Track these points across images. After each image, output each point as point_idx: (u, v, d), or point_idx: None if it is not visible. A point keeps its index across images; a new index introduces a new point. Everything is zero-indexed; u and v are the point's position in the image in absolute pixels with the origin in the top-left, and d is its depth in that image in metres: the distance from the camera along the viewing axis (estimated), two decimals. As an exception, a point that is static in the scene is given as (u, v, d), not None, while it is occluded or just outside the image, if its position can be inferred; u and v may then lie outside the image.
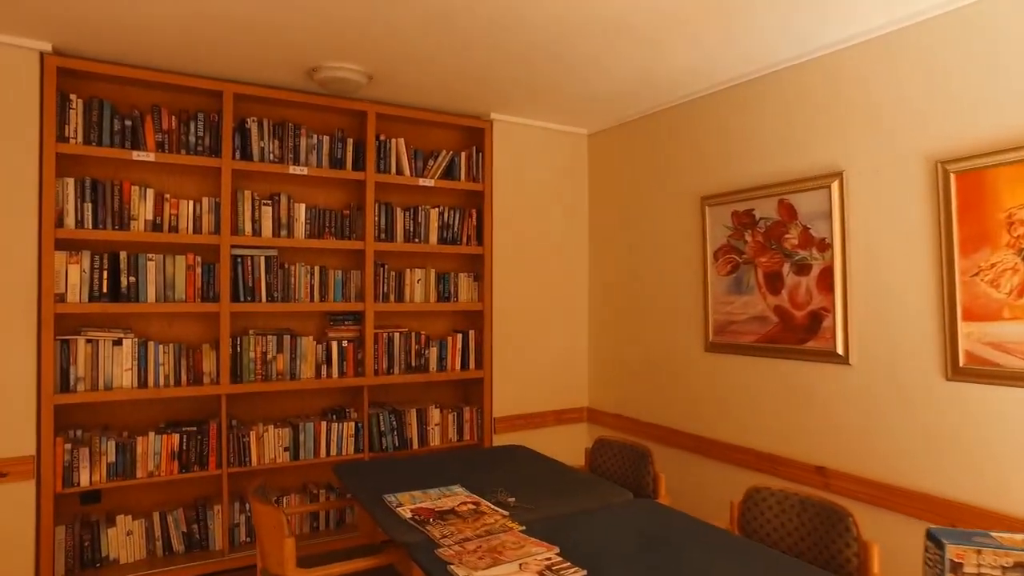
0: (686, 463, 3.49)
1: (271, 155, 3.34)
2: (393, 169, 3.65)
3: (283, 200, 3.38)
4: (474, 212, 3.90)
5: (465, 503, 2.22)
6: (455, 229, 3.85)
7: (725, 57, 2.95)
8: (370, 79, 3.21)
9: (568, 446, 4.19)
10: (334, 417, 3.55)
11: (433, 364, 3.80)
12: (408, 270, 3.73)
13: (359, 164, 3.57)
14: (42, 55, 2.85)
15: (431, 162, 3.77)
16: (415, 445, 3.70)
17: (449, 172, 3.84)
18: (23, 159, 2.81)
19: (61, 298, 2.92)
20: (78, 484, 2.92)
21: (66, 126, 2.92)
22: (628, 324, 3.93)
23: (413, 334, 3.74)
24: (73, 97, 2.93)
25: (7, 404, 2.78)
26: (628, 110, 3.81)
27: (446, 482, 2.57)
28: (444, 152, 3.80)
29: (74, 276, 2.94)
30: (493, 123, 3.91)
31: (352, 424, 3.51)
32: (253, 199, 3.30)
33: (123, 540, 3.10)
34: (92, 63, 2.96)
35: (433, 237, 3.78)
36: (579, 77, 3.24)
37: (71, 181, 2.94)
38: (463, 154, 3.86)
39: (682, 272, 3.55)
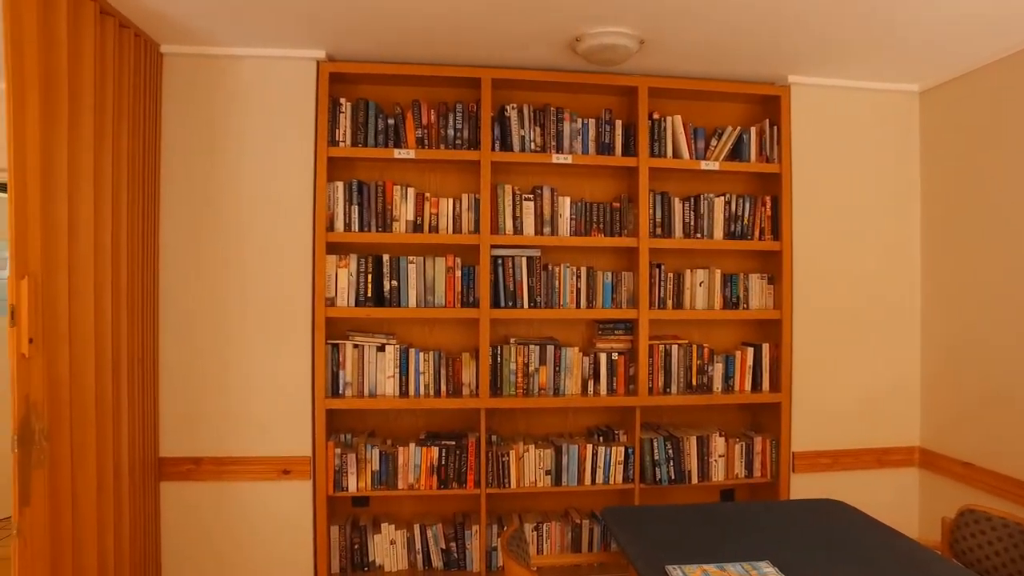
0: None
1: (532, 144, 3.00)
2: (669, 152, 3.09)
3: (546, 193, 3.02)
4: (768, 200, 3.17)
5: (787, 600, 1.58)
6: (744, 221, 3.15)
7: None
8: (641, 44, 2.70)
9: (893, 499, 3.21)
10: (600, 439, 3.10)
11: (717, 383, 3.15)
12: (688, 271, 3.14)
13: (630, 148, 3.08)
14: (318, 63, 2.86)
15: (714, 141, 3.13)
16: (694, 479, 3.09)
17: (736, 152, 3.16)
18: (302, 166, 2.86)
19: (331, 302, 2.90)
20: (346, 489, 2.90)
21: (336, 130, 2.90)
22: (989, 340, 2.85)
23: (694, 347, 3.14)
24: (343, 101, 2.90)
25: (291, 405, 2.85)
26: (987, 48, 2.75)
27: (745, 549, 1.95)
28: (730, 129, 3.14)
29: (343, 280, 2.90)
30: (791, 88, 3.14)
31: (621, 449, 3.03)
32: (514, 194, 3.00)
33: (387, 548, 3.02)
34: (359, 64, 2.93)
35: (718, 231, 3.14)
36: (908, 10, 2.36)
37: (340, 184, 2.91)
38: (753, 129, 3.15)
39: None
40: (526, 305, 3.00)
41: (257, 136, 2.84)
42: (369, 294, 2.92)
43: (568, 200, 3.04)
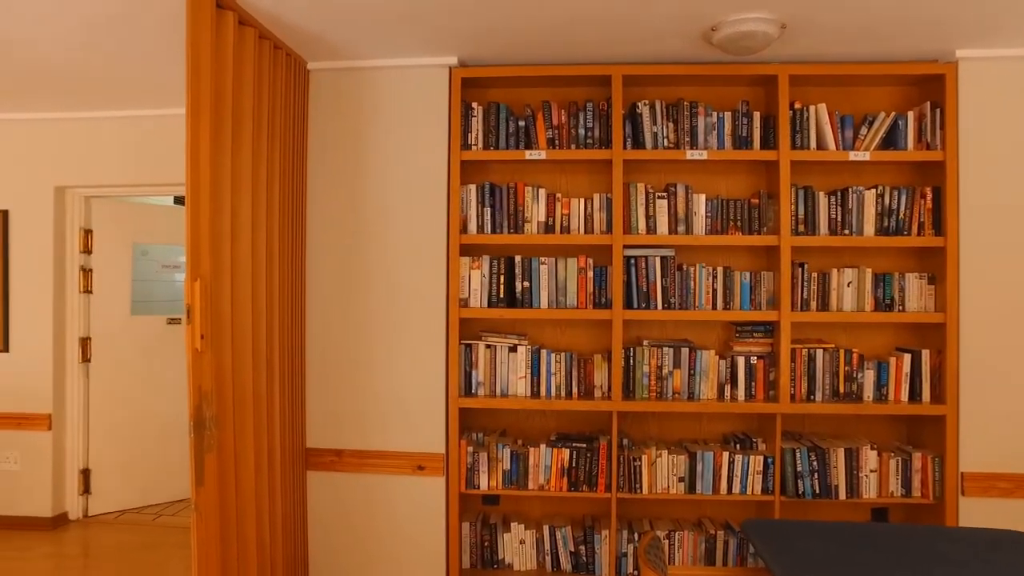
0: None
1: (665, 141, 2.92)
2: (813, 143, 2.89)
3: (679, 191, 2.93)
4: (928, 191, 2.88)
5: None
6: (900, 215, 2.89)
7: None
8: (783, 29, 2.54)
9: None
10: (737, 447, 2.96)
11: (868, 391, 2.91)
12: (835, 270, 2.92)
13: (769, 141, 2.92)
14: (450, 69, 2.93)
15: (864, 130, 2.90)
16: (841, 494, 2.87)
17: (890, 140, 2.90)
18: (437, 170, 2.93)
19: (464, 303, 2.96)
20: (478, 487, 2.95)
21: (469, 134, 2.96)
22: None
23: (841, 352, 2.91)
24: (475, 105, 2.96)
25: (426, 403, 2.93)
26: None
27: (916, 577, 1.77)
28: (883, 115, 2.89)
29: (475, 281, 2.96)
30: (959, 64, 2.83)
31: (760, 458, 2.87)
32: (646, 192, 2.93)
33: (516, 547, 3.04)
34: (490, 68, 2.96)
35: (868, 227, 2.90)
36: None
37: (473, 187, 2.97)
38: (910, 114, 2.88)
39: None
40: (660, 306, 2.92)
41: (394, 143, 2.95)
42: (501, 295, 2.96)
43: (703, 197, 2.93)
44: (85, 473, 4.07)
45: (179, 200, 4.72)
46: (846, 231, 2.90)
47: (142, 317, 4.31)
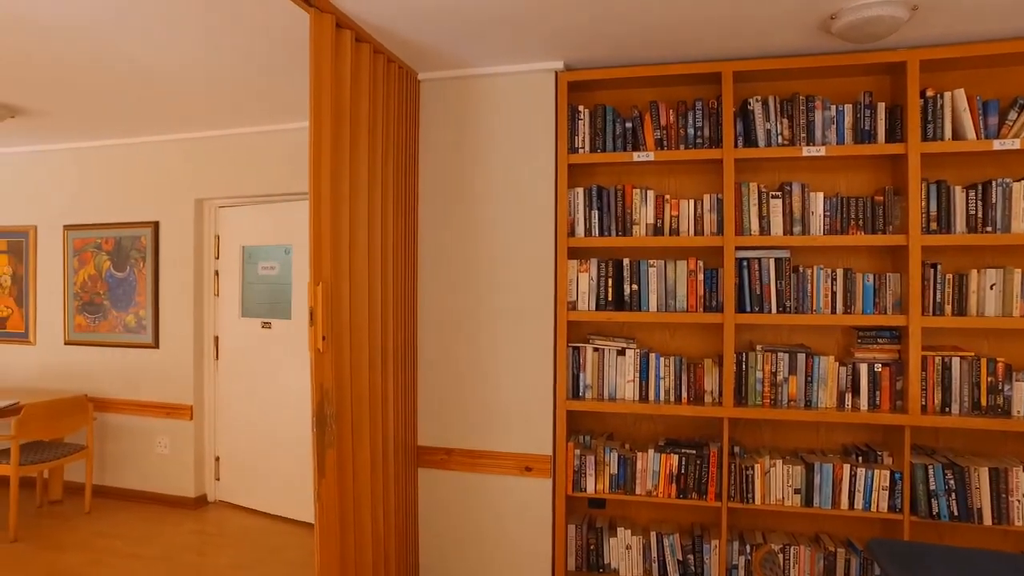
0: None
1: (779, 137, 2.79)
2: (947, 133, 2.67)
3: (795, 190, 2.79)
4: (1089, 182, 2.59)
5: None
6: (1054, 209, 2.61)
7: None
8: (913, 11, 2.36)
9: None
10: (860, 459, 2.78)
11: (1018, 405, 2.64)
12: (974, 271, 2.68)
13: (895, 134, 2.72)
14: (556, 74, 2.95)
15: (1013, 115, 2.63)
16: (986, 519, 2.62)
17: (1042, 126, 2.63)
18: (544, 174, 2.95)
19: (572, 306, 2.97)
20: (585, 490, 2.94)
21: (575, 137, 2.96)
22: None
23: (983, 360, 2.67)
24: (581, 108, 2.96)
25: (534, 405, 2.96)
26: None
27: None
28: (1033, 98, 2.62)
29: (583, 284, 2.96)
30: None
31: (886, 473, 2.68)
32: (759, 192, 2.81)
33: (622, 552, 3.01)
34: (595, 71, 2.94)
35: (1017, 223, 2.63)
36: None
37: (580, 190, 2.97)
38: (1068, 96, 2.60)
39: None
40: (774, 310, 2.79)
41: (502, 148, 3.01)
42: (609, 298, 2.95)
43: (821, 196, 2.77)
44: (217, 461, 4.43)
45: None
46: (988, 228, 2.65)
47: (247, 320, 4.25)
